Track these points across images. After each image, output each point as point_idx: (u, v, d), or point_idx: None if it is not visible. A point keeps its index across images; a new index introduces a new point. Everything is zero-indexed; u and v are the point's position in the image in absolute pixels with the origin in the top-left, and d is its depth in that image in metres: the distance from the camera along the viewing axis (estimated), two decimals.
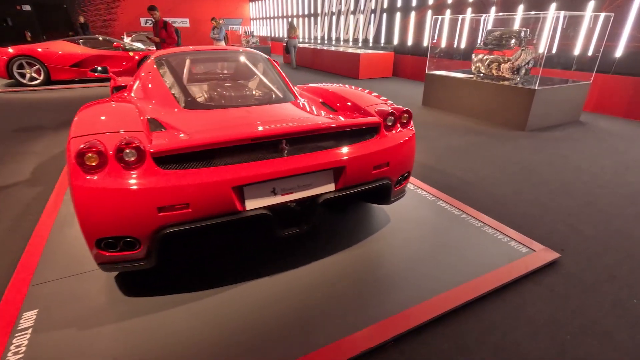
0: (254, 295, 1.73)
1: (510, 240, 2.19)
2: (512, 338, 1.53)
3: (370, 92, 2.42)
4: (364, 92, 2.47)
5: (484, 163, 3.52)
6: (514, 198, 2.79)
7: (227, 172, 1.53)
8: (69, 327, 1.54)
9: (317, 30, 14.28)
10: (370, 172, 1.89)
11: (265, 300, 1.70)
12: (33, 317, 1.58)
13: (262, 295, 1.73)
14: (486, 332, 1.55)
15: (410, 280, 1.85)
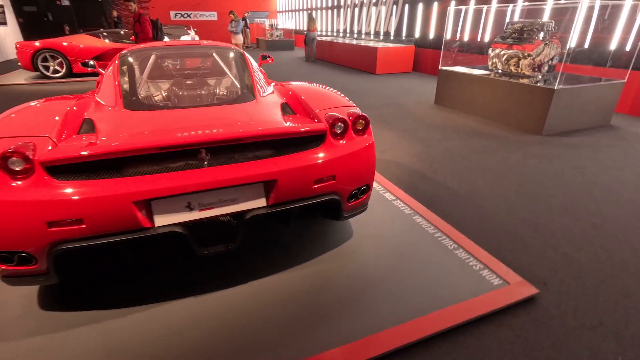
0: (180, 315, 1.58)
1: (483, 268, 1.90)
2: None
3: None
4: (331, 92, 2.23)
5: (483, 172, 3.16)
6: (506, 215, 2.45)
7: (127, 185, 1.37)
8: None
9: (339, 22, 13.92)
10: (310, 187, 1.66)
11: (192, 322, 1.54)
12: None
13: (189, 316, 1.58)
14: None
15: (355, 308, 1.62)
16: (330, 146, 1.72)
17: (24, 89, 7.06)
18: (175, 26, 15.43)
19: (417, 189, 2.84)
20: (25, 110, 1.71)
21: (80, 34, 8.68)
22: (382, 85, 7.62)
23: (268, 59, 4.39)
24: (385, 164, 3.34)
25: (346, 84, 7.67)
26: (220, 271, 1.86)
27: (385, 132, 4.30)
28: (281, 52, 15.28)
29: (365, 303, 1.66)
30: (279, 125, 1.68)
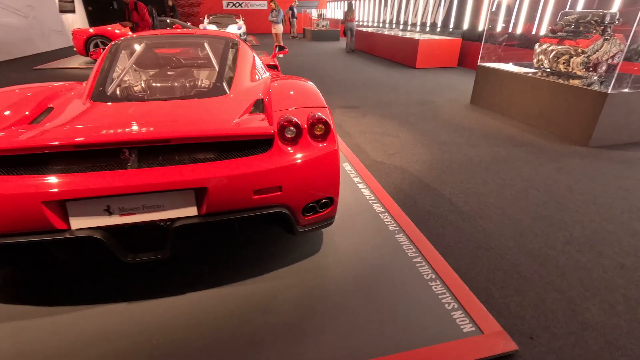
0: (106, 321, 1.49)
1: (457, 308, 1.58)
2: None
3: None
4: (309, 90, 2.01)
5: (500, 187, 2.74)
6: (511, 243, 2.07)
7: (38, 184, 1.28)
8: None
9: (385, 13, 13.31)
10: (249, 198, 1.47)
11: (116, 329, 1.45)
12: None
13: (114, 322, 1.48)
14: None
15: (291, 339, 1.42)
16: (278, 153, 1.51)
17: (75, 73, 7.60)
18: (224, 15, 15.79)
19: (415, 202, 2.52)
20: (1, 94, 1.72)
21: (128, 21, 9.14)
22: (419, 80, 7.12)
23: (284, 49, 4.23)
24: (388, 169, 3.03)
25: (379, 78, 7.28)
26: (159, 277, 1.75)
27: (402, 133, 3.95)
28: (326, 42, 15.01)
29: (306, 333, 1.45)
30: (218, 126, 1.50)
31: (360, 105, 5.18)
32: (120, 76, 2.15)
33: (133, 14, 5.90)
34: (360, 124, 4.28)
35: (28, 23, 10.36)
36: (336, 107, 5.01)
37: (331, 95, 5.74)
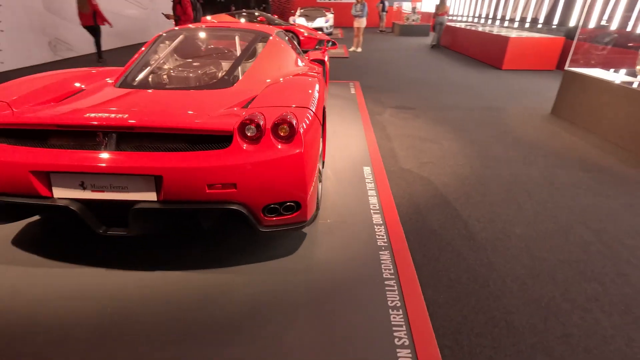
0: (79, 281, 1.69)
1: (406, 346, 1.39)
2: None
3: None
4: (299, 90, 1.96)
5: (538, 217, 2.31)
6: (516, 285, 1.74)
7: (28, 155, 1.49)
8: None
9: (483, 6, 12.09)
10: (203, 191, 1.50)
11: (83, 289, 1.63)
12: None
13: (86, 282, 1.67)
14: None
15: (232, 334, 1.43)
16: (236, 151, 1.50)
17: None
18: (314, 8, 16.15)
19: (423, 218, 2.28)
20: (42, 76, 2.06)
21: (221, 14, 9.98)
22: (500, 83, 6.35)
23: (334, 45, 4.19)
24: (412, 179, 2.79)
25: (453, 77, 6.69)
26: (143, 252, 1.87)
27: (448, 141, 3.58)
28: (413, 38, 14.34)
29: (239, 334, 1.44)
30: (181, 119, 1.55)
31: (417, 106, 4.84)
32: (152, 65, 2.37)
33: (177, 7, 6.18)
34: (407, 126, 4.01)
35: (146, 14, 12.03)
36: (390, 107, 4.77)
37: (389, 94, 5.48)
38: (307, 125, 1.65)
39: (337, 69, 7.58)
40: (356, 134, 3.66)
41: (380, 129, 3.91)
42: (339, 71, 7.30)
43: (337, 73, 7.06)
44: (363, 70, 7.45)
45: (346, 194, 2.50)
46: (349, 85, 5.92)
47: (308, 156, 1.61)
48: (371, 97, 5.26)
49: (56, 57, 8.07)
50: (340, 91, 5.53)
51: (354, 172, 2.83)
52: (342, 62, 8.47)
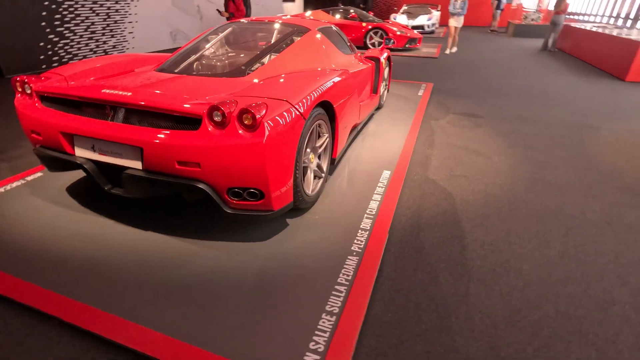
0: (89, 230, 2.06)
1: (320, 352, 1.35)
2: None
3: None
4: (289, 84, 2.00)
5: (565, 259, 1.91)
6: (482, 326, 1.50)
7: (60, 118, 1.87)
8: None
9: (618, 3, 9.98)
10: (173, 166, 1.67)
11: (95, 236, 1.99)
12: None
13: (96, 231, 2.03)
14: None
15: (170, 299, 1.60)
16: (203, 133, 1.62)
17: None
18: (419, 5, 15.51)
19: (416, 235, 2.10)
20: (109, 57, 2.53)
21: (317, 10, 10.34)
22: (610, 97, 5.25)
23: (392, 43, 4.06)
24: (431, 191, 2.56)
25: (550, 87, 5.76)
26: (143, 213, 2.17)
27: (499, 156, 3.16)
28: (528, 39, 12.69)
29: (173, 300, 1.59)
30: (166, 101, 1.73)
31: (486, 115, 4.35)
32: (191, 54, 2.65)
33: (230, 4, 6.40)
34: (459, 135, 3.65)
35: (257, 11, 13.18)
36: (453, 113, 4.39)
37: (461, 100, 5.03)
38: (279, 118, 1.69)
39: (417, 69, 7.23)
40: (397, 137, 3.49)
41: (427, 134, 3.65)
42: (417, 71, 6.95)
43: (415, 73, 6.74)
44: (445, 73, 6.94)
45: (350, 195, 2.45)
46: (419, 87, 5.61)
47: (273, 147, 1.65)
48: (438, 101, 4.91)
49: (175, 45, 9.48)
50: (407, 92, 5.28)
51: (370, 174, 2.73)
52: (426, 63, 8.03)
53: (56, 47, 6.64)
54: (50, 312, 1.49)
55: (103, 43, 7.61)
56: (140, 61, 2.64)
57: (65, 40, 6.79)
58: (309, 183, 2.17)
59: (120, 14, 7.89)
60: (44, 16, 6.32)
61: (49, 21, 6.43)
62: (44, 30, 6.39)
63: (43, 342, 1.40)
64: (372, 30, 9.30)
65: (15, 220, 2.10)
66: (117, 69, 2.40)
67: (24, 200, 2.32)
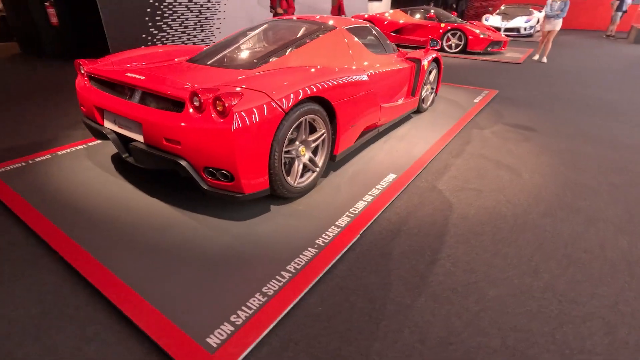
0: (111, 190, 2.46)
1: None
2: None
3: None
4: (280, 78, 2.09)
5: (550, 292, 1.68)
6: (406, 339, 1.43)
7: (96, 95, 2.27)
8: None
9: None
10: (162, 142, 1.93)
11: (126, 200, 2.39)
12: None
13: (125, 195, 2.42)
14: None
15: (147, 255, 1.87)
16: (184, 115, 1.83)
17: None
18: (519, 5, 14.15)
19: (391, 239, 2.04)
20: (161, 47, 2.93)
21: (396, 10, 10.11)
22: None
23: (436, 44, 3.87)
24: (431, 199, 2.43)
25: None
26: (150, 182, 2.50)
27: (530, 175, 2.82)
28: None
29: (141, 256, 1.84)
30: (162, 86, 1.98)
31: (543, 129, 3.86)
32: (220, 47, 2.89)
33: (282, 2, 6.70)
34: (497, 147, 3.33)
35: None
36: (503, 124, 4.00)
37: (523, 110, 4.52)
38: (254, 108, 1.81)
39: (488, 74, 6.66)
40: (424, 142, 3.34)
41: (461, 143, 3.41)
42: (487, 77, 6.40)
43: (482, 79, 6.23)
44: (520, 80, 6.26)
45: (343, 192, 2.46)
46: (479, 93, 5.19)
47: (242, 134, 1.78)
48: (494, 109, 4.50)
49: None
50: (463, 97, 4.94)
51: (375, 175, 2.69)
52: (504, 68, 7.32)
53: (155, 39, 7.74)
54: (49, 242, 1.87)
55: (193, 37, 8.60)
56: (184, 52, 3.00)
57: (162, 33, 7.87)
58: (294, 174, 2.25)
59: (211, 11, 8.82)
60: (147, 12, 7.44)
61: (151, 16, 7.53)
62: (147, 24, 7.51)
63: (28, 258, 1.76)
64: (450, 31, 8.79)
65: (67, 173, 2.61)
66: (158, 58, 2.78)
67: (80, 160, 2.85)
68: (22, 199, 2.28)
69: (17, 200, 2.26)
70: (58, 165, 2.76)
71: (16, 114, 3.95)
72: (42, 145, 3.12)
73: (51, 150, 3.02)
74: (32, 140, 3.22)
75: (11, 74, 6.05)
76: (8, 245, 1.91)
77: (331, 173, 2.73)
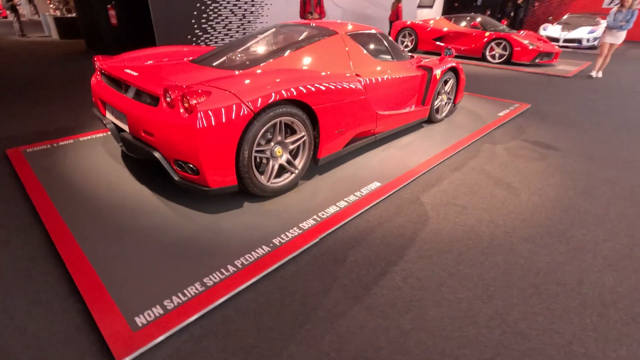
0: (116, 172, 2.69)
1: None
2: None
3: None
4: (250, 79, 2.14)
5: (497, 321, 1.56)
6: (303, 343, 1.41)
7: (101, 89, 2.50)
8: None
9: None
10: (140, 133, 2.08)
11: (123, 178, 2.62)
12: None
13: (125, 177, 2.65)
14: None
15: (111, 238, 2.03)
16: (159, 110, 1.97)
17: None
18: (582, 15, 13.07)
19: (349, 248, 2.01)
20: (163, 47, 3.16)
21: (441, 17, 9.79)
22: None
23: (451, 53, 3.74)
24: (409, 211, 2.35)
25: None
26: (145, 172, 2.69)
27: (530, 196, 2.61)
28: None
29: (116, 234, 2.00)
30: (146, 83, 2.14)
31: (566, 149, 3.54)
32: (223, 49, 3.02)
33: (316, 8, 6.85)
34: (505, 164, 3.12)
35: (385, 15, 13.30)
36: (523, 140, 3.73)
37: (554, 129, 4.18)
38: (220, 107, 1.90)
39: (525, 86, 6.23)
40: (424, 153, 3.22)
41: (465, 156, 3.24)
42: (522, 89, 5.98)
43: (516, 91, 5.84)
44: (561, 95, 5.78)
45: (320, 196, 2.47)
46: (507, 106, 4.87)
47: (206, 131, 1.87)
48: (517, 124, 4.21)
49: None
50: (487, 109, 4.68)
51: (359, 182, 2.66)
52: (548, 82, 6.80)
53: (199, 40, 8.25)
54: (41, 215, 2.10)
55: (235, 39, 9.05)
56: (197, 52, 3.19)
57: (207, 34, 8.37)
58: (268, 173, 2.30)
59: (254, 15, 9.21)
60: (194, 15, 7.96)
61: (197, 19, 8.05)
62: (192, 25, 8.03)
63: (28, 219, 1.98)
64: (494, 40, 8.34)
65: (80, 158, 2.90)
66: (167, 57, 2.99)
67: (96, 147, 3.15)
68: (35, 175, 2.58)
69: (31, 177, 2.56)
70: (76, 149, 3.07)
71: (66, 101, 4.46)
72: (70, 130, 3.50)
73: (75, 136, 3.37)
74: (67, 126, 3.61)
75: (75, 67, 6.80)
76: (7, 212, 2.18)
77: (316, 176, 2.75)
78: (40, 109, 4.15)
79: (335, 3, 11.32)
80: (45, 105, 4.32)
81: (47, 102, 4.43)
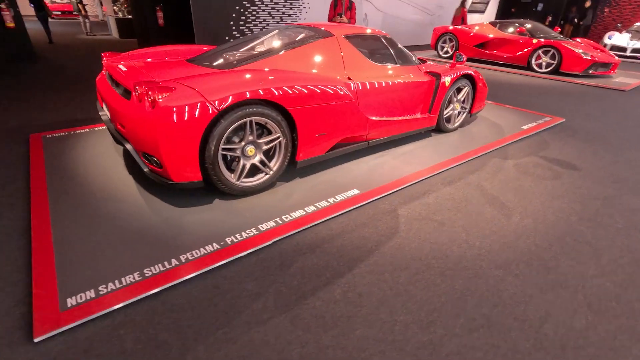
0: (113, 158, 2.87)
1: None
2: None
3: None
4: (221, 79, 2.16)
5: (426, 351, 1.42)
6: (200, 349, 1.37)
7: (100, 86, 2.67)
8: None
9: None
10: (118, 125, 2.20)
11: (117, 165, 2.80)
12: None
13: (119, 166, 2.83)
14: None
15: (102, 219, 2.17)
16: (130, 103, 2.06)
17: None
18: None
19: (300, 255, 1.95)
20: (171, 45, 3.32)
21: (484, 23, 9.24)
22: None
23: (462, 59, 3.51)
24: (381, 223, 2.23)
25: None
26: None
27: (523, 218, 2.35)
28: None
29: (95, 222, 2.12)
30: (126, 78, 2.24)
31: (589, 170, 3.15)
32: (221, 50, 3.08)
33: (347, 12, 6.64)
34: (509, 182, 2.85)
35: (431, 20, 12.86)
36: (539, 156, 3.39)
37: (582, 145, 3.75)
38: (183, 104, 1.94)
39: (565, 99, 5.66)
40: (420, 163, 3.05)
41: (465, 170, 3.01)
42: (562, 103, 5.44)
43: (554, 104, 5.33)
44: (605, 110, 5.18)
45: (294, 199, 2.43)
46: (537, 119, 4.47)
47: (168, 126, 1.92)
48: (540, 139, 3.84)
49: None
50: (511, 121, 4.32)
51: (338, 188, 2.58)
52: (596, 94, 6.13)
53: None
54: (31, 195, 2.29)
55: (237, 39, 9.27)
56: (201, 52, 3.31)
57: (244, 36, 8.67)
58: (238, 172, 2.31)
59: (292, 18, 9.37)
60: (233, 17, 8.28)
61: (236, 21, 8.37)
62: (231, 27, 8.37)
63: (22, 198, 2.18)
64: (541, 48, 7.70)
65: (88, 145, 3.14)
66: (170, 55, 3.11)
67: (100, 138, 3.38)
68: (43, 159, 2.83)
69: (39, 160, 2.81)
70: (87, 138, 3.32)
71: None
72: (90, 120, 3.79)
73: (92, 125, 3.65)
74: (92, 116, 3.93)
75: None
76: (7, 190, 2.40)
77: (296, 178, 2.71)
78: (81, 99, 4.55)
79: (376, 7, 11.18)
80: (86, 94, 4.74)
81: (88, 92, 4.86)
